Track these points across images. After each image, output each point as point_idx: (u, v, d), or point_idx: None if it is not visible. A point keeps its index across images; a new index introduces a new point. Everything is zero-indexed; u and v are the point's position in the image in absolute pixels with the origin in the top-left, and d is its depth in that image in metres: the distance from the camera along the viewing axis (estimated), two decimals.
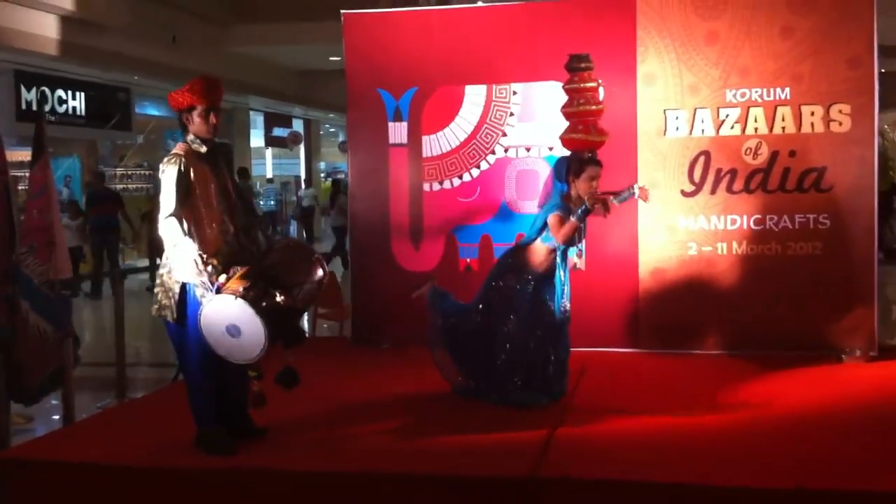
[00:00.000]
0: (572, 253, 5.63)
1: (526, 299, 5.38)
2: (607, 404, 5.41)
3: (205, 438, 4.62)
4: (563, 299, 5.41)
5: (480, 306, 5.54)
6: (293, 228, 24.53)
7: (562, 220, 5.23)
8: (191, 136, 4.59)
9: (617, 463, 4.40)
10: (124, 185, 17.71)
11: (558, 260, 5.33)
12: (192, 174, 4.49)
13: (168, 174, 4.44)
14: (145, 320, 8.65)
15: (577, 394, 5.63)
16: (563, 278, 5.40)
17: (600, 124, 5.50)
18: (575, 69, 5.52)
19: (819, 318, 6.55)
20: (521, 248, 5.43)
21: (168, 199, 4.40)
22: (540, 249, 5.34)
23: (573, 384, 5.70)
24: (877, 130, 6.56)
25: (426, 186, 7.15)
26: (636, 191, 5.54)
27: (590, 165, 5.34)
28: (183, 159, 4.48)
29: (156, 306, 4.63)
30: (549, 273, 5.38)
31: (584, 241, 5.44)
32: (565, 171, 5.38)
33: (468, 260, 7.05)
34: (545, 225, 5.29)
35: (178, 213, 4.37)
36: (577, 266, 6.42)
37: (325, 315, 8.23)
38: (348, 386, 6.08)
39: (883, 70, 7.08)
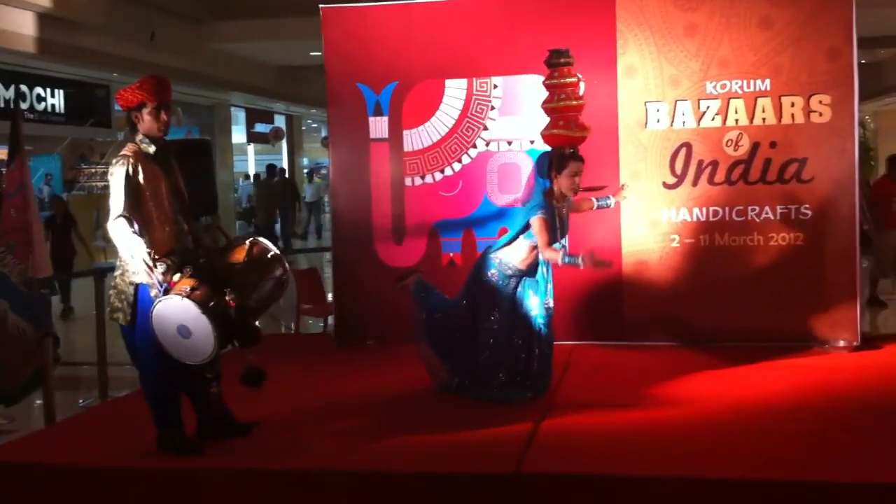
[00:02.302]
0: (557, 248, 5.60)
1: (508, 295, 5.36)
2: (591, 398, 5.41)
3: (166, 441, 4.59)
4: (547, 297, 5.40)
5: (464, 302, 5.52)
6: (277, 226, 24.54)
7: (545, 223, 5.19)
8: (139, 136, 4.54)
9: (601, 457, 4.40)
10: (105, 183, 17.61)
11: (541, 257, 5.31)
12: (140, 175, 4.43)
13: (116, 176, 4.40)
14: None
15: (562, 388, 5.62)
16: (545, 275, 5.39)
17: (581, 119, 5.49)
18: (555, 64, 5.50)
19: (802, 309, 6.57)
20: (504, 245, 5.40)
21: (116, 200, 4.36)
22: (522, 246, 5.32)
23: (557, 378, 5.69)
24: (857, 121, 6.58)
25: (408, 181, 7.12)
26: (612, 202, 5.78)
27: (571, 161, 5.31)
28: (131, 160, 4.43)
29: (109, 309, 4.60)
30: (532, 270, 5.36)
31: (566, 238, 5.42)
32: (547, 166, 5.36)
33: (451, 254, 7.03)
34: (528, 224, 5.25)
35: (127, 214, 4.32)
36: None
37: (308, 311, 8.22)
38: (331, 383, 6.06)
39: (863, 61, 7.09)
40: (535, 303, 5.37)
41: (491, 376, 5.39)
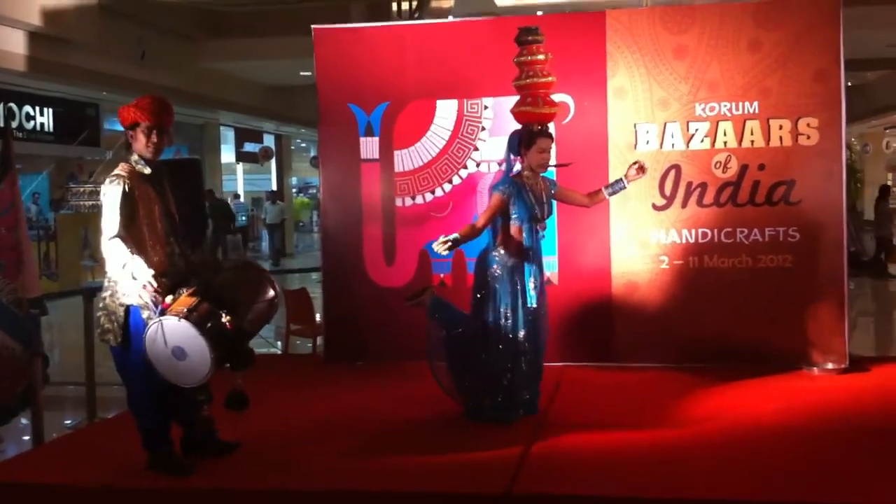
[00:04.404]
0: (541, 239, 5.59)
1: (513, 290, 5.34)
2: (582, 419, 5.41)
3: (156, 461, 4.57)
4: (534, 301, 5.38)
5: (476, 312, 5.46)
6: (265, 244, 24.45)
7: (500, 201, 5.26)
8: (135, 157, 4.51)
9: (593, 478, 4.40)
10: (93, 202, 17.54)
11: (526, 241, 5.34)
12: (135, 195, 4.41)
13: (110, 195, 4.35)
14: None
15: (553, 409, 5.63)
16: (534, 273, 5.39)
17: (549, 97, 5.53)
18: (523, 42, 5.55)
19: (790, 331, 6.59)
20: (495, 239, 5.40)
21: (111, 220, 4.31)
22: (510, 230, 5.35)
23: (548, 399, 5.69)
24: (844, 143, 6.63)
25: (398, 201, 7.14)
26: (625, 183, 5.66)
27: (540, 137, 5.38)
28: (126, 180, 4.39)
29: (98, 330, 4.56)
30: (529, 252, 5.37)
31: (543, 234, 5.47)
32: (517, 143, 5.43)
33: (442, 275, 7.03)
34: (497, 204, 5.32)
35: (122, 234, 4.29)
36: (550, 281, 6.43)
37: (297, 331, 8.20)
38: (320, 403, 6.04)
39: (850, 83, 7.16)
40: (532, 287, 5.36)
41: (498, 379, 5.36)
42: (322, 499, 4.35)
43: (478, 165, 7.01)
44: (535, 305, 5.35)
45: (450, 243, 5.03)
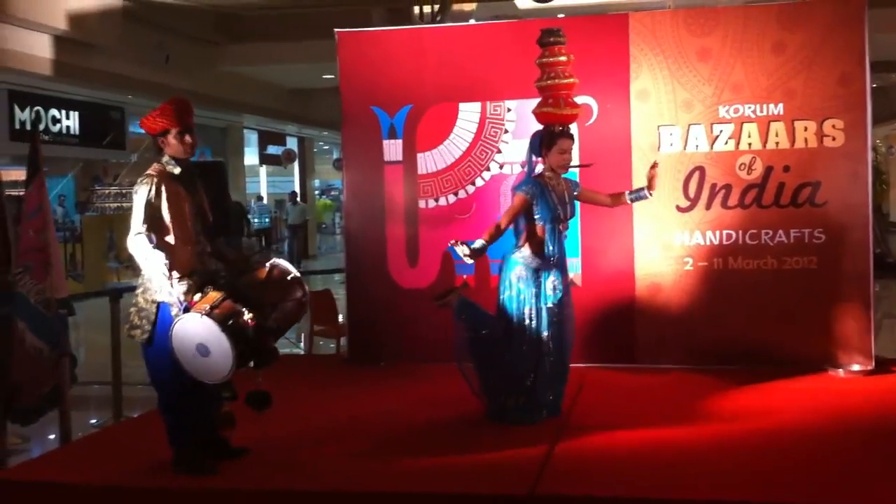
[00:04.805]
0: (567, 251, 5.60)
1: (535, 292, 5.36)
2: (605, 421, 5.41)
3: (182, 459, 4.61)
4: (556, 301, 5.40)
5: (501, 314, 5.46)
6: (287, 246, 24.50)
7: (522, 201, 5.29)
8: (166, 158, 4.61)
9: (615, 479, 4.40)
10: (118, 204, 17.70)
11: (549, 241, 5.35)
12: (164, 195, 4.50)
13: (140, 194, 4.48)
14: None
15: (575, 410, 5.62)
16: (558, 274, 5.39)
17: (571, 98, 5.54)
18: (545, 44, 5.56)
19: (816, 333, 6.56)
20: (518, 241, 5.41)
21: (137, 218, 4.43)
22: (532, 230, 5.36)
23: (571, 401, 5.69)
24: (869, 145, 6.60)
25: (422, 203, 7.16)
26: (648, 193, 5.66)
27: (561, 138, 5.40)
28: (156, 179, 4.51)
29: (127, 326, 4.65)
30: (551, 258, 5.37)
31: (566, 235, 5.49)
32: (538, 144, 5.45)
33: (465, 276, 7.05)
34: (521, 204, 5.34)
35: (146, 232, 4.39)
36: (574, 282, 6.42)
37: (320, 332, 8.24)
38: (343, 404, 6.07)
39: (875, 85, 7.12)
40: (554, 287, 5.37)
41: (521, 380, 5.37)
42: (343, 500, 4.36)
43: (501, 168, 7.03)
44: (558, 305, 5.36)
45: (476, 251, 5.05)
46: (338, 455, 4.90)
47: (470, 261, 5.11)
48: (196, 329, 4.21)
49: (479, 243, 5.11)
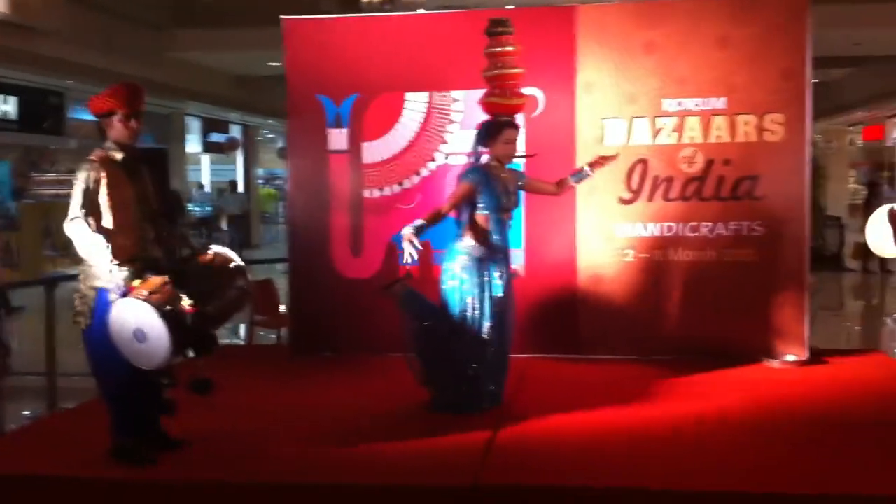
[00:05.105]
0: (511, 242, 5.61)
1: (480, 282, 5.36)
2: (547, 411, 5.42)
3: (120, 449, 4.54)
4: (500, 291, 5.41)
5: (445, 304, 5.46)
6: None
7: (466, 189, 5.31)
8: (108, 143, 4.55)
9: (557, 468, 4.42)
10: (56, 191, 17.32)
11: (493, 231, 5.35)
12: (105, 181, 4.42)
13: (79, 179, 4.41)
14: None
15: (517, 401, 5.64)
16: (501, 264, 5.41)
17: (517, 88, 5.56)
18: (493, 34, 5.58)
19: (753, 324, 6.67)
20: (462, 230, 5.41)
21: (76, 202, 4.36)
22: (477, 220, 5.36)
23: (512, 391, 5.71)
24: (809, 140, 6.71)
25: (366, 193, 7.11)
26: (588, 171, 5.70)
27: (506, 128, 5.43)
28: (96, 165, 4.44)
29: (72, 313, 4.58)
30: (497, 247, 5.38)
31: (510, 225, 5.51)
32: (484, 134, 5.45)
33: (408, 267, 7.01)
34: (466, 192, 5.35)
35: (84, 217, 4.33)
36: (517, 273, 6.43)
37: (261, 323, 8.16)
38: (283, 395, 6.02)
39: (815, 80, 7.23)
40: (499, 277, 5.39)
41: (464, 370, 5.36)
42: (286, 491, 4.33)
43: (446, 158, 7.01)
44: (501, 296, 5.37)
45: (415, 230, 5.05)
46: (279, 446, 4.85)
47: (412, 240, 5.08)
48: (133, 314, 4.15)
49: (418, 222, 5.13)
